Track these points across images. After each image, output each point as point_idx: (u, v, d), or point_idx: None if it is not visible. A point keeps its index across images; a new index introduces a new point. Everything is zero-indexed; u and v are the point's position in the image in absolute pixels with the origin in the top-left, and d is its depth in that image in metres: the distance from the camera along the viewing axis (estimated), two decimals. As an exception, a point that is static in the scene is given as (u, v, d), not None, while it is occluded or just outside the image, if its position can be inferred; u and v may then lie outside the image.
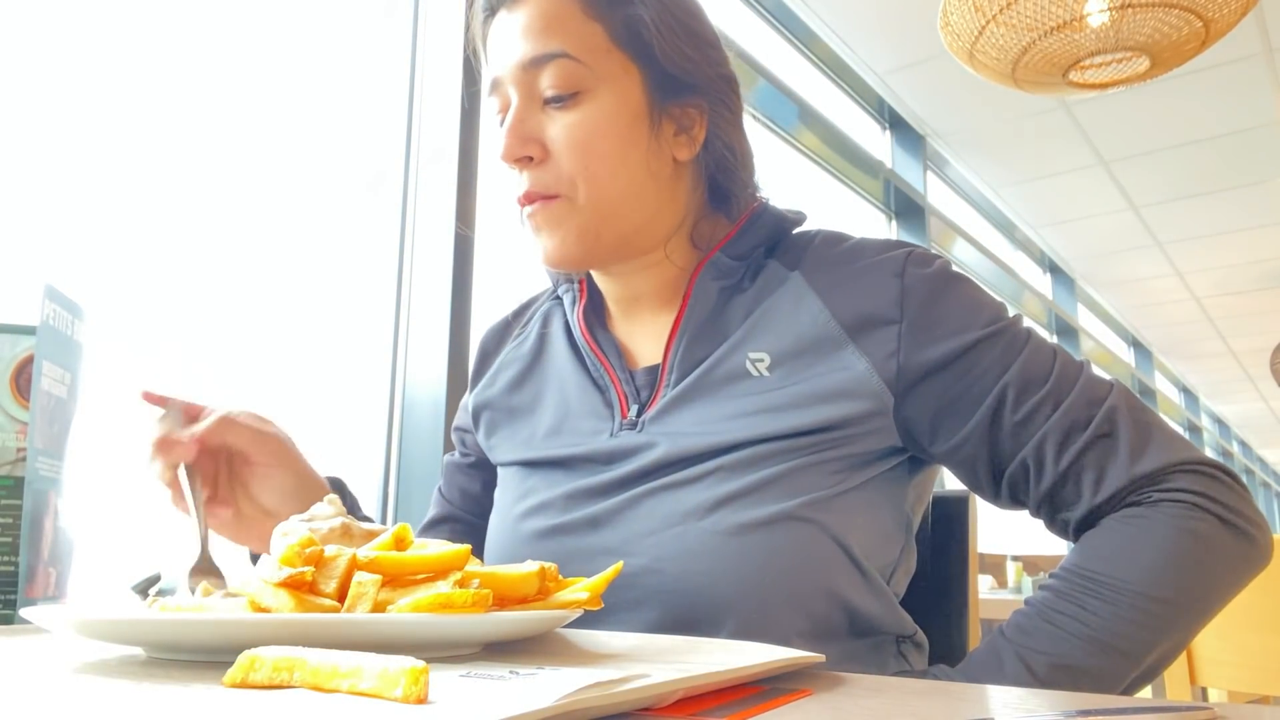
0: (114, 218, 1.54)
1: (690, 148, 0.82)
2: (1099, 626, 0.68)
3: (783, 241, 0.84)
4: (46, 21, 1.48)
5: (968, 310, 0.76)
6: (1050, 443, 0.72)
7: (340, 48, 2.06)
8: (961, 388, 0.75)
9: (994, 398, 0.74)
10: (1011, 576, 3.01)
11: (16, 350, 0.73)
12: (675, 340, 0.81)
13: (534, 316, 0.96)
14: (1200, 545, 0.69)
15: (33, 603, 0.69)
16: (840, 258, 0.80)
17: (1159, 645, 0.69)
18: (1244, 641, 1.77)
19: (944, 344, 0.75)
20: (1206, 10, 2.23)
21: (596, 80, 0.77)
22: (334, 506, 0.64)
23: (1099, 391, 0.74)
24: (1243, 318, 7.04)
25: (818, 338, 0.76)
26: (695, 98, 0.81)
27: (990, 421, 0.74)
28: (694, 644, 0.56)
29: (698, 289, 0.81)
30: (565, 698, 0.33)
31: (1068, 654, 0.68)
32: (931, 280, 0.77)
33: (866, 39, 3.59)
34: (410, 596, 0.49)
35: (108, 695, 0.37)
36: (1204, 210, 5.10)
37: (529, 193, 0.79)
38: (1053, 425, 0.72)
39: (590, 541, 0.77)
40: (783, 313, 0.78)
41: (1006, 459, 0.75)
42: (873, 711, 0.40)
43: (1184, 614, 0.69)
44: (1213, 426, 11.10)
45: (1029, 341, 0.76)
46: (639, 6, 0.79)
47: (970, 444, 0.75)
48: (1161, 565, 0.68)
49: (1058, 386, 0.74)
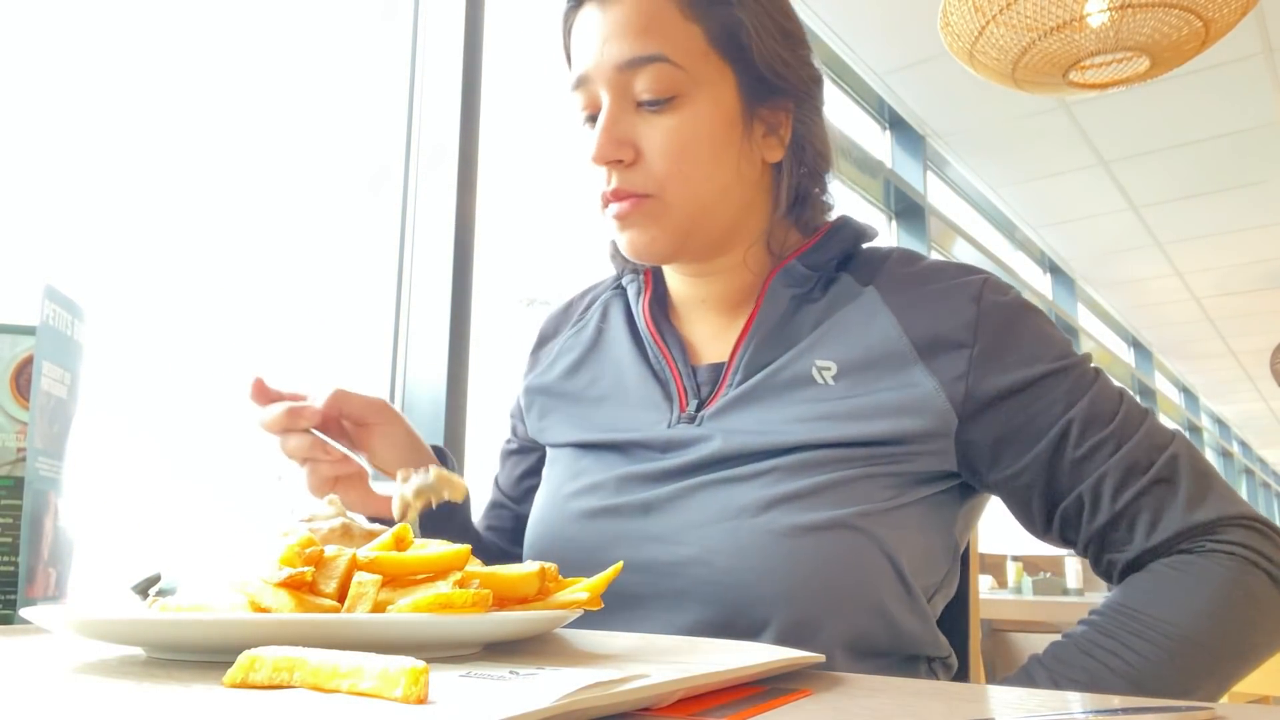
0: (114, 217, 1.54)
1: (780, 149, 0.82)
2: (1137, 664, 0.67)
3: (856, 256, 0.85)
4: (47, 21, 1.48)
5: (1039, 342, 0.77)
6: (1109, 482, 0.72)
7: (341, 48, 2.06)
8: (1026, 417, 0.75)
9: (1058, 431, 0.74)
10: (1011, 576, 3.01)
11: (16, 350, 0.73)
12: (745, 341, 0.81)
13: (594, 304, 0.96)
14: (1249, 599, 0.69)
15: (33, 603, 0.69)
16: (916, 277, 0.80)
17: (1192, 694, 0.68)
18: (1244, 641, 1.77)
19: (1014, 373, 0.75)
20: (1206, 10, 2.23)
21: (693, 84, 0.76)
22: (334, 507, 0.64)
23: (1162, 438, 0.74)
24: (1243, 318, 7.04)
25: (888, 353, 0.76)
26: (785, 98, 0.81)
27: (1051, 454, 0.74)
28: (694, 644, 0.56)
29: (770, 294, 0.81)
30: (565, 698, 0.33)
31: (1103, 689, 0.67)
32: (1007, 309, 0.77)
33: (866, 39, 3.59)
34: (410, 596, 0.49)
35: (108, 695, 0.37)
36: (1204, 210, 5.10)
37: (619, 190, 0.78)
38: (1113, 465, 0.72)
39: (640, 526, 0.76)
40: (854, 325, 0.78)
41: (1063, 494, 0.75)
42: (873, 711, 0.40)
43: (1223, 664, 0.69)
44: (1213, 426, 11.10)
45: (1097, 380, 0.76)
46: (738, 8, 0.78)
47: (1028, 474, 0.75)
48: (1208, 613, 0.68)
49: (1122, 428, 0.74)
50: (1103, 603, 0.73)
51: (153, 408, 1.52)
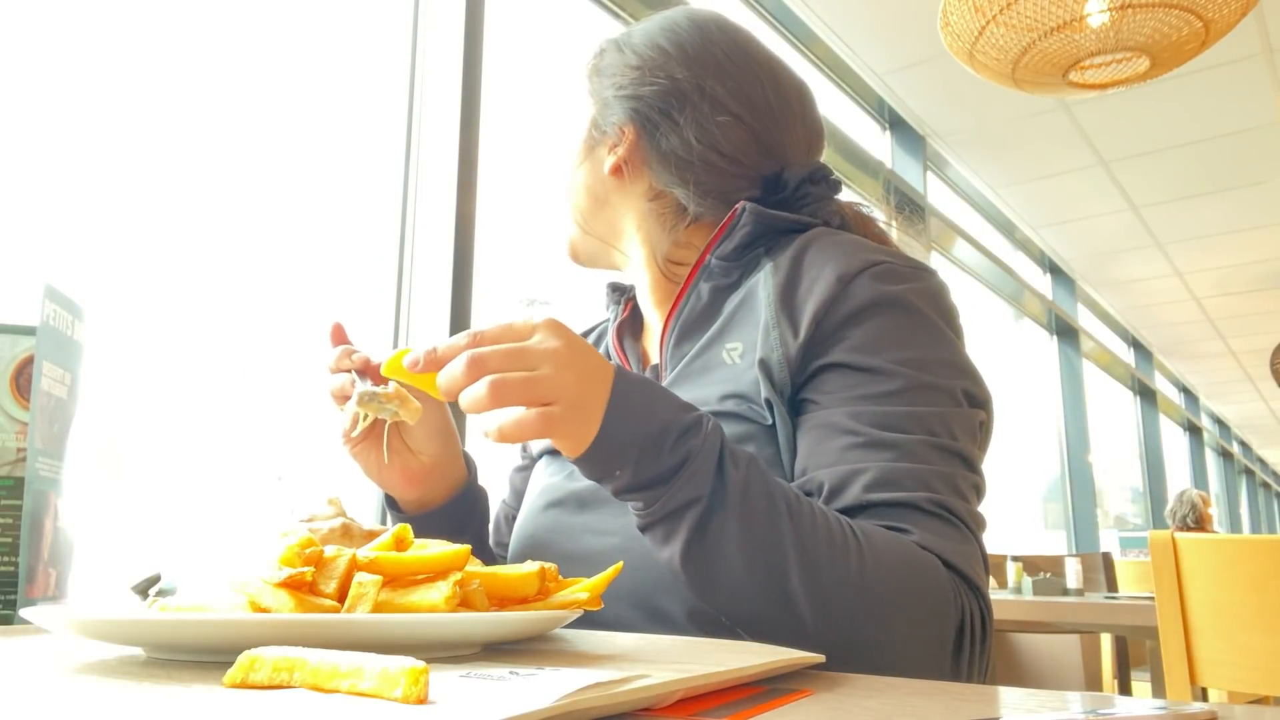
0: (114, 217, 1.54)
1: (611, 158, 0.92)
2: (808, 521, 0.64)
3: (781, 239, 0.85)
4: (48, 21, 1.48)
5: (891, 342, 0.74)
6: (863, 479, 0.69)
7: (341, 48, 2.06)
8: (829, 399, 0.74)
9: (850, 421, 0.72)
10: (1011, 576, 3.01)
11: (16, 350, 0.73)
12: (666, 337, 0.87)
13: (588, 336, 1.05)
14: (924, 573, 0.66)
15: (33, 603, 0.69)
16: (813, 250, 0.80)
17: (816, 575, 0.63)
18: (1244, 641, 1.77)
19: (843, 355, 0.74)
20: (1206, 10, 2.23)
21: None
22: (334, 507, 0.64)
23: (953, 488, 0.70)
24: (1243, 318, 7.04)
25: (764, 322, 0.78)
26: (611, 113, 0.91)
27: (833, 435, 0.72)
28: (694, 644, 0.56)
29: (691, 290, 0.87)
30: (565, 698, 0.33)
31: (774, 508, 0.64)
32: (877, 296, 0.75)
33: (866, 39, 3.59)
34: (410, 597, 0.49)
35: (108, 695, 0.37)
36: (1204, 210, 5.10)
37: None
38: (881, 469, 0.69)
39: (578, 519, 0.82)
40: (752, 302, 0.81)
41: (821, 466, 0.72)
42: (873, 711, 0.40)
43: (857, 596, 0.64)
44: (1213, 426, 11.10)
45: (936, 405, 0.72)
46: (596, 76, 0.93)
47: (805, 428, 0.75)
48: (889, 558, 0.65)
49: (915, 447, 0.70)
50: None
51: (153, 408, 1.52)
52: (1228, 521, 11.96)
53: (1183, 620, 1.87)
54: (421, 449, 0.85)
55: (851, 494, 0.69)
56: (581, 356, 0.61)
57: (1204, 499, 5.18)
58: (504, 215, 2.23)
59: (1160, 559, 1.90)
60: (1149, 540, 1.93)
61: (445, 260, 1.94)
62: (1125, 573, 3.76)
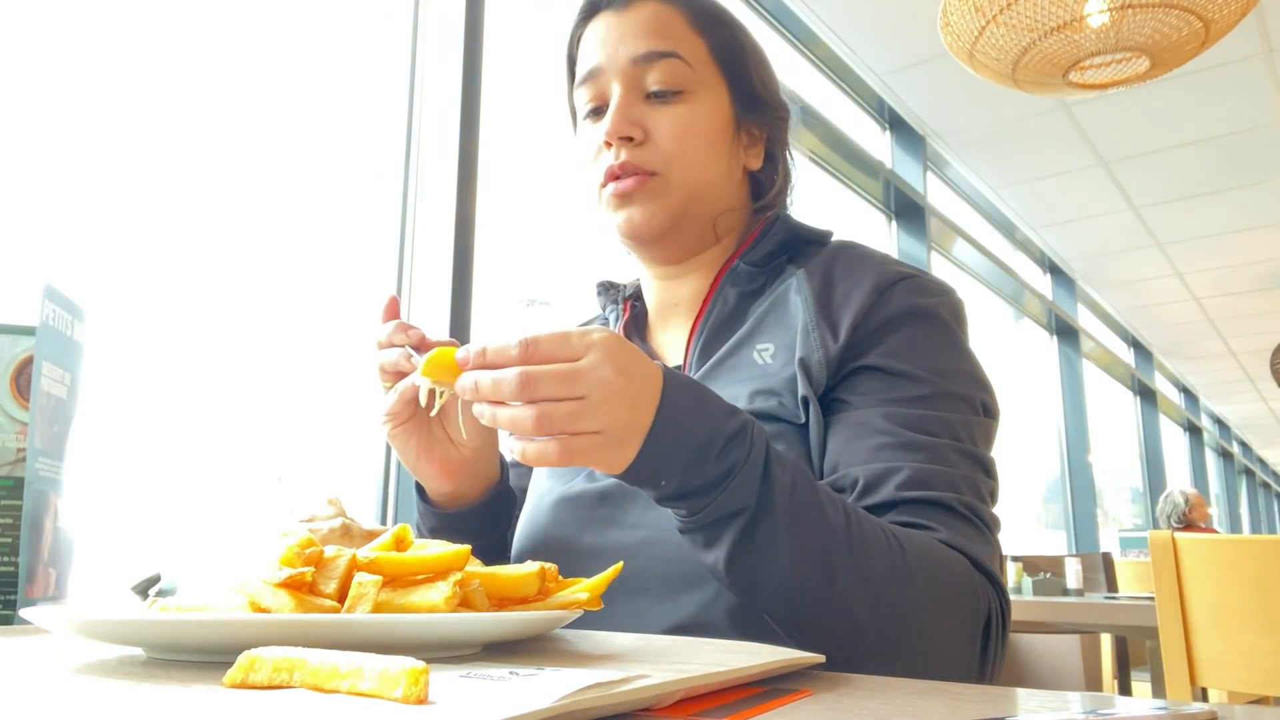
0: (114, 217, 1.54)
1: (758, 159, 0.92)
2: (847, 520, 0.65)
3: (805, 248, 0.89)
4: (48, 21, 1.48)
5: (922, 351, 0.78)
6: (896, 478, 0.72)
7: (341, 48, 2.06)
8: (865, 399, 0.76)
9: (884, 421, 0.74)
10: (1011, 577, 3.01)
11: (16, 350, 0.73)
12: (694, 337, 0.87)
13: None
14: (952, 570, 0.69)
15: (33, 603, 0.69)
16: (844, 261, 0.85)
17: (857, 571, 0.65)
18: (1244, 641, 1.77)
19: (877, 359, 0.77)
20: (1206, 10, 2.23)
21: (698, 84, 0.86)
22: (334, 507, 0.64)
23: (977, 489, 0.74)
24: (1243, 318, 7.04)
25: (802, 326, 0.80)
26: (765, 118, 0.92)
27: (862, 435, 0.74)
28: (694, 644, 0.56)
29: (718, 293, 0.88)
30: (565, 698, 0.33)
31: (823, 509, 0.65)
32: (912, 308, 0.79)
33: (866, 39, 3.59)
34: (410, 597, 0.49)
35: (108, 695, 0.37)
36: (1204, 210, 5.10)
37: (627, 164, 0.84)
38: (913, 469, 0.72)
39: (601, 512, 0.81)
40: (784, 306, 0.84)
41: (852, 463, 0.74)
42: (873, 712, 0.40)
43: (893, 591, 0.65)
44: (1213, 427, 11.10)
45: (961, 415, 0.76)
46: (737, 31, 0.90)
47: (834, 428, 0.77)
48: (918, 561, 0.67)
49: (944, 451, 0.73)
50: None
51: (152, 408, 1.52)
52: (1228, 521, 11.95)
53: (1183, 620, 1.87)
54: (463, 441, 0.83)
55: (886, 491, 0.71)
56: (634, 383, 0.59)
57: (1190, 498, 5.15)
58: (504, 215, 2.23)
59: (1160, 559, 1.90)
60: (1149, 540, 1.93)
61: (445, 260, 1.94)
62: (1125, 573, 3.76)
